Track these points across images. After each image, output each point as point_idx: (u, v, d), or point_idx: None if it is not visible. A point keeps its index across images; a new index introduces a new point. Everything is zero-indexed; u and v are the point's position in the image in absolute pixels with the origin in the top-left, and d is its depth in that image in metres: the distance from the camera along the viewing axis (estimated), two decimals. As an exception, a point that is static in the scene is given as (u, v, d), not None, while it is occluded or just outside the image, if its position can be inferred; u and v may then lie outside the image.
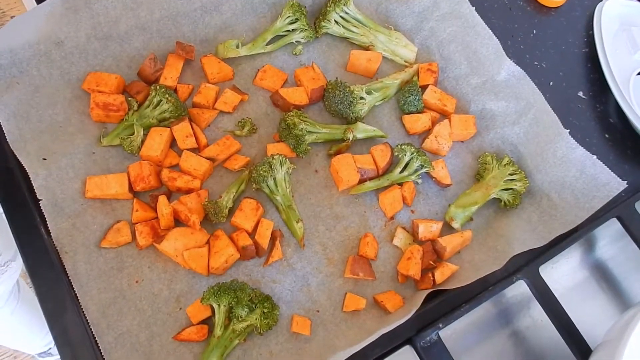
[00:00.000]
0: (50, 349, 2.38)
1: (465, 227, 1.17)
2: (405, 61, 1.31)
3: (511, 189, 1.18)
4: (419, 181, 1.19)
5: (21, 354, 2.53)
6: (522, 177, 1.18)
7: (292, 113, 1.18)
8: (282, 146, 1.18)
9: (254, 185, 1.14)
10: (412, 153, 1.17)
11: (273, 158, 1.12)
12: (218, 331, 1.01)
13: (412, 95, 1.23)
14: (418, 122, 1.23)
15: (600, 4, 1.41)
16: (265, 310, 1.02)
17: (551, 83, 1.34)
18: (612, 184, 1.13)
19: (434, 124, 1.24)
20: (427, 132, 1.24)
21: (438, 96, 1.25)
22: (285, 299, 1.09)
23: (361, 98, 1.22)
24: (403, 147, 1.18)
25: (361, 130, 1.20)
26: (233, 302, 1.01)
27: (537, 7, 1.44)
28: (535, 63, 1.36)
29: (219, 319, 1.02)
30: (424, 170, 1.18)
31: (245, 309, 1.02)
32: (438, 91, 1.26)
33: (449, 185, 1.20)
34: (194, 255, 1.05)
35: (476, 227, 1.18)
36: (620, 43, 1.37)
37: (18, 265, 1.64)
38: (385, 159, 1.17)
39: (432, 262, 1.11)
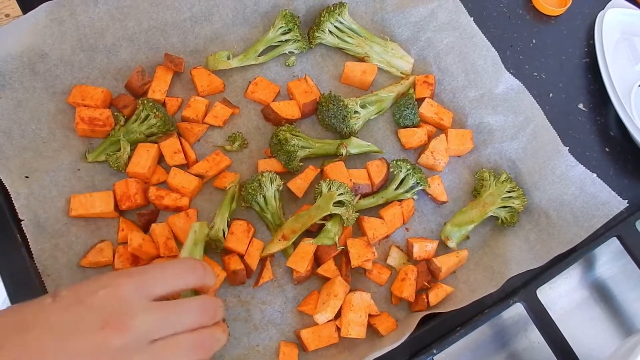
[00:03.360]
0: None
1: (461, 246, 1.14)
2: (401, 72, 1.28)
3: (509, 206, 1.15)
4: (415, 197, 1.16)
5: None
6: (520, 195, 1.16)
7: (284, 128, 1.15)
8: (274, 162, 1.15)
9: (242, 204, 1.11)
10: (408, 170, 1.14)
11: (262, 175, 1.09)
12: None
13: (407, 108, 1.20)
14: (414, 136, 1.20)
15: (601, 12, 1.39)
16: None
17: (551, 94, 1.32)
18: (612, 202, 1.11)
19: (430, 138, 1.22)
20: (423, 147, 1.21)
21: (435, 110, 1.22)
22: (276, 322, 1.06)
23: (355, 112, 1.19)
24: (399, 163, 1.15)
25: (355, 146, 1.18)
26: None
27: (537, 16, 1.41)
28: (535, 74, 1.33)
29: None
30: (420, 187, 1.15)
31: None
32: (435, 104, 1.23)
33: (445, 202, 1.18)
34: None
35: (472, 246, 1.15)
36: (621, 53, 1.34)
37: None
38: (380, 175, 1.15)
39: (426, 283, 1.09)
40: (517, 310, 1.08)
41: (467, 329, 1.03)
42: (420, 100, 1.24)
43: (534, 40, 1.38)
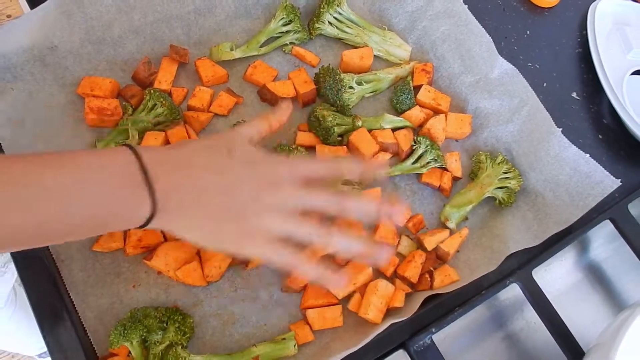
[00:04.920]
0: (50, 348, 2.38)
1: (460, 226, 1.18)
2: (399, 60, 1.32)
3: (505, 187, 1.18)
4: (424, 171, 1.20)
5: (21, 355, 2.53)
6: (516, 175, 1.19)
7: (320, 106, 1.21)
8: (311, 136, 1.21)
9: None
10: (427, 146, 1.18)
11: (297, 148, 1.15)
12: None
13: (404, 94, 1.24)
14: (411, 117, 1.24)
15: (593, 3, 1.42)
16: (177, 325, 1.01)
17: (545, 84, 1.34)
18: (606, 182, 1.14)
19: (427, 120, 1.25)
20: (420, 127, 1.25)
21: (432, 95, 1.26)
22: (282, 301, 1.10)
23: (350, 87, 1.23)
24: (419, 138, 1.20)
25: (389, 122, 1.22)
26: (144, 333, 1.00)
27: (531, 8, 1.44)
28: (529, 64, 1.37)
29: (136, 354, 1.00)
30: (437, 164, 1.19)
31: (159, 332, 1.01)
32: (432, 90, 1.26)
33: (459, 178, 1.22)
34: (187, 272, 1.05)
35: (471, 227, 1.18)
36: (614, 43, 1.37)
37: (13, 269, 1.64)
38: (408, 143, 1.20)
39: (432, 268, 1.12)
40: (513, 292, 1.11)
41: (465, 308, 1.06)
42: (418, 88, 1.27)
43: (528, 32, 1.41)
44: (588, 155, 1.15)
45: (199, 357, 0.99)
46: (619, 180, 1.13)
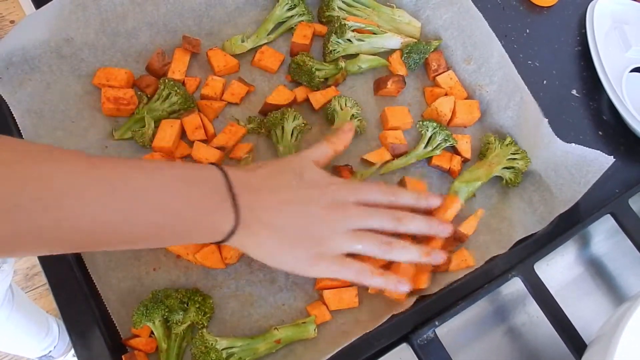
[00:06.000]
0: (50, 352, 2.38)
1: (467, 203, 1.20)
2: (410, 37, 1.33)
3: (513, 167, 1.20)
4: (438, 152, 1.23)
5: (21, 358, 2.53)
6: (524, 157, 1.21)
7: (299, 55, 1.24)
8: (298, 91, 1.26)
9: (262, 130, 1.21)
10: (435, 128, 1.21)
11: (287, 110, 1.18)
12: (163, 345, 1.03)
13: (416, 54, 1.29)
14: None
15: (592, 2, 1.44)
16: (198, 305, 1.03)
17: (545, 81, 1.37)
18: (600, 159, 1.14)
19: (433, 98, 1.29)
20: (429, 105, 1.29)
21: (451, 84, 1.29)
22: (299, 282, 1.12)
23: (348, 40, 1.28)
24: (425, 123, 1.22)
25: (364, 61, 1.28)
26: (166, 313, 1.03)
27: (530, 7, 1.47)
28: (529, 62, 1.39)
29: (159, 334, 1.03)
30: (449, 144, 1.21)
31: (180, 313, 1.03)
32: (454, 79, 1.30)
33: (468, 159, 1.24)
34: (205, 255, 1.07)
35: (479, 205, 1.21)
36: (613, 41, 1.39)
37: (10, 268, 1.64)
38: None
39: (451, 250, 1.14)
40: (515, 286, 1.12)
41: (468, 302, 1.07)
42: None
43: (527, 30, 1.43)
44: (573, 144, 1.16)
45: (224, 342, 1.01)
46: (612, 156, 1.13)
